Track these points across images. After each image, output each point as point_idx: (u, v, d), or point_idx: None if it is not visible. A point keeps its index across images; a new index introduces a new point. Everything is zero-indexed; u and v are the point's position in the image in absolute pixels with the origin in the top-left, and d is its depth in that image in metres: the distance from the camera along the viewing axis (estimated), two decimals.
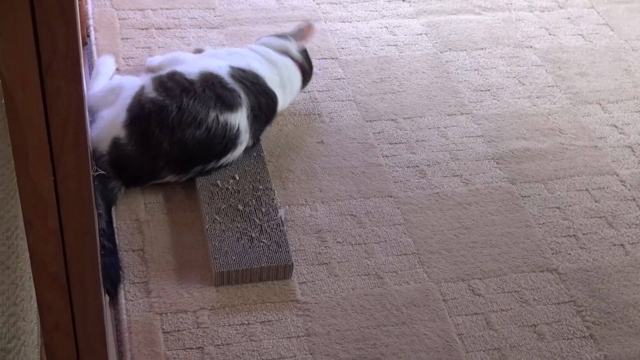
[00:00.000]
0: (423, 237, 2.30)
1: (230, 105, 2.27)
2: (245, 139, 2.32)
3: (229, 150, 2.29)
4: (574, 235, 2.35)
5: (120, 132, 2.22)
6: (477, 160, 2.55)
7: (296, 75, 2.55)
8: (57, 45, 1.16)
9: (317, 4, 3.11)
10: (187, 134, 2.21)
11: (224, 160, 2.29)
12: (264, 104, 2.38)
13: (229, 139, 2.27)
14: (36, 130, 1.23)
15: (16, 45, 1.15)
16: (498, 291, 2.18)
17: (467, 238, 2.31)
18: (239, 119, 2.28)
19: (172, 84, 2.24)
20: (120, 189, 2.25)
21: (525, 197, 2.45)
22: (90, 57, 2.68)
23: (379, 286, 2.16)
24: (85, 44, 2.73)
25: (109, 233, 2.13)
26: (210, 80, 2.27)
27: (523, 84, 2.86)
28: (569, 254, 2.30)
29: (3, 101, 1.22)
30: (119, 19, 2.89)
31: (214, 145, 2.26)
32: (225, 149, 2.28)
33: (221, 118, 2.24)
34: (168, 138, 2.21)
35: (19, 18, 1.13)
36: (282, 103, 2.49)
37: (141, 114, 2.21)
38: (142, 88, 2.25)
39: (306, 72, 2.59)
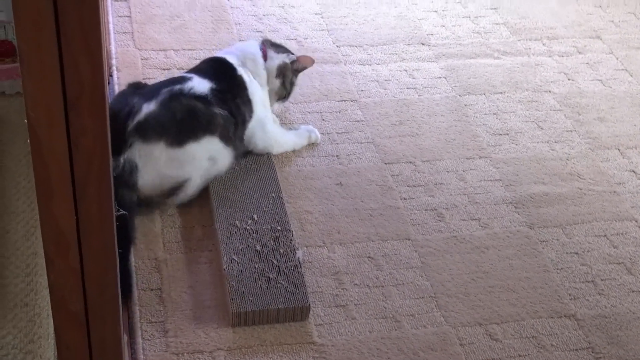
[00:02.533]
0: (440, 280, 2.29)
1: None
2: (191, 77, 2.45)
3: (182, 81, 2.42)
4: (593, 281, 2.34)
5: None
6: (495, 204, 2.55)
7: (255, 50, 2.62)
8: (83, 84, 1.18)
9: (337, 46, 3.13)
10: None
11: (186, 86, 2.39)
12: (215, 67, 2.54)
13: (180, 78, 2.45)
14: (60, 168, 1.24)
15: (43, 84, 1.17)
16: (515, 336, 2.16)
17: (485, 282, 2.30)
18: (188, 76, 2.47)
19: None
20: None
21: (543, 242, 2.44)
22: (113, 96, 2.70)
23: (396, 329, 2.15)
24: (107, 83, 2.76)
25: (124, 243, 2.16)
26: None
27: (542, 129, 2.86)
28: (587, 299, 2.28)
29: (29, 140, 1.23)
30: (142, 59, 2.92)
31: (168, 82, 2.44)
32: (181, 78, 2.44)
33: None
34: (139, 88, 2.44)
35: (46, 58, 1.15)
36: (249, 79, 2.54)
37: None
38: None
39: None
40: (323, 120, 2.78)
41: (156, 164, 2.29)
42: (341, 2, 3.38)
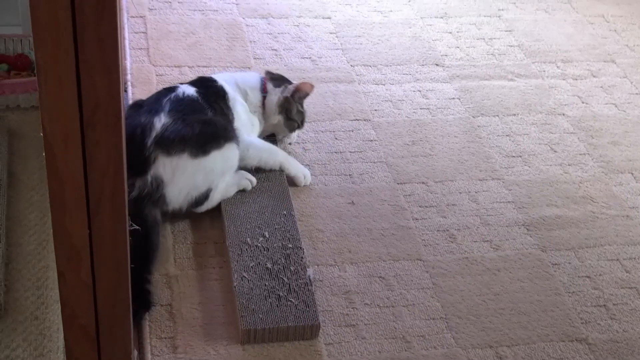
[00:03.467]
0: (451, 301, 2.28)
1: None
2: (177, 86, 2.51)
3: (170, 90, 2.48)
4: (604, 305, 2.33)
5: None
6: (507, 226, 2.54)
7: (254, 79, 2.66)
8: (99, 99, 1.18)
9: (351, 65, 3.14)
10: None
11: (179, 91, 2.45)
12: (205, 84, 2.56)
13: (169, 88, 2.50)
14: (74, 182, 1.24)
15: (59, 98, 1.17)
16: (526, 359, 2.15)
17: (496, 304, 2.29)
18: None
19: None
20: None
21: (555, 264, 2.43)
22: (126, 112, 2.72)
23: (406, 350, 2.14)
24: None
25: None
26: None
27: (555, 151, 2.86)
28: (599, 324, 2.27)
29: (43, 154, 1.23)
30: (156, 75, 2.93)
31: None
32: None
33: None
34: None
35: (63, 72, 1.15)
36: (232, 92, 2.57)
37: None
38: None
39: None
40: (336, 139, 2.78)
41: (183, 175, 2.31)
42: (356, 22, 3.39)
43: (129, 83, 2.87)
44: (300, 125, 2.67)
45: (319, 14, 3.40)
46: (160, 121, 2.32)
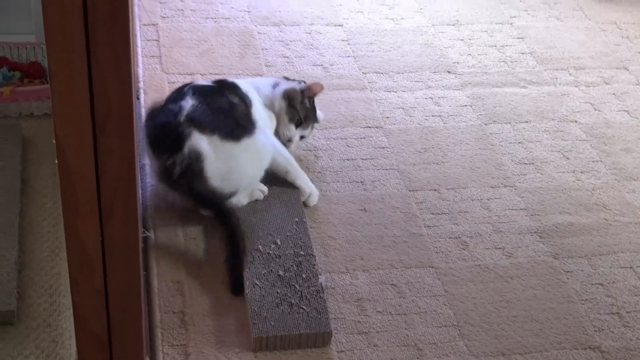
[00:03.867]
0: (464, 309, 2.28)
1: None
2: (192, 81, 2.64)
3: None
4: (618, 312, 2.32)
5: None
6: (519, 234, 2.53)
7: (267, 80, 2.74)
8: (112, 106, 1.18)
9: (363, 73, 3.14)
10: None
11: (197, 83, 2.58)
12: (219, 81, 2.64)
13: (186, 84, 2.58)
14: (87, 188, 1.24)
15: (72, 104, 1.17)
16: None
17: (508, 312, 2.28)
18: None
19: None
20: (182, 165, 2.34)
21: (568, 272, 2.42)
22: (139, 119, 2.72)
23: (418, 358, 2.13)
24: None
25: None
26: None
27: (567, 159, 2.85)
28: (612, 332, 2.26)
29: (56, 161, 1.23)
30: (169, 83, 2.94)
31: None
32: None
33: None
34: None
35: (76, 78, 1.15)
36: (247, 88, 2.63)
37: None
38: None
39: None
40: (348, 146, 2.78)
41: (215, 151, 2.36)
42: (368, 29, 3.40)
43: (141, 90, 2.87)
44: (301, 120, 2.64)
45: (330, 21, 3.41)
46: (188, 103, 2.40)
